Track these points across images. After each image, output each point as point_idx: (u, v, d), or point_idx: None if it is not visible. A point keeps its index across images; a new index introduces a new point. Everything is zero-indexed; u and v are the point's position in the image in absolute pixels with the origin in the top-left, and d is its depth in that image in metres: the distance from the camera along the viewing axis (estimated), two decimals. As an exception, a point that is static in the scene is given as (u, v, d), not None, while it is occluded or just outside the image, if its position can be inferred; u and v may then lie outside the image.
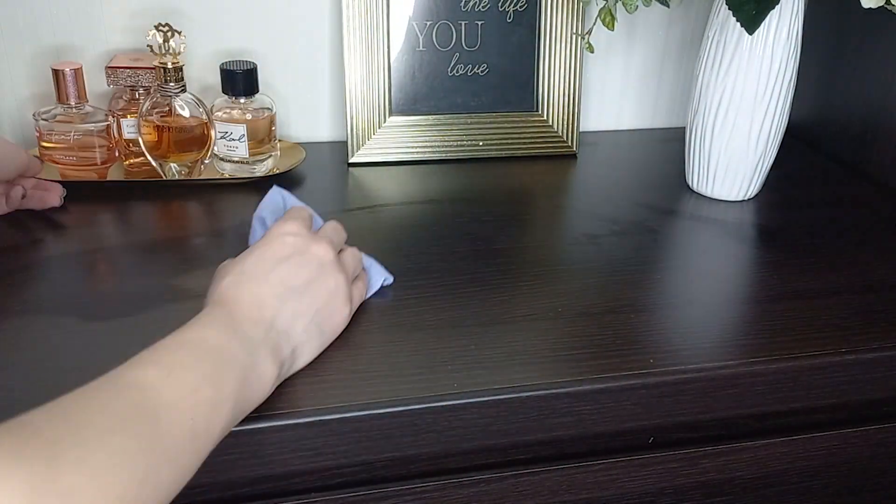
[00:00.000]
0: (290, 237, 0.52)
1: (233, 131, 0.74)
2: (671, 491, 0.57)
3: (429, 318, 0.57)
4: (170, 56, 0.70)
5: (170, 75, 0.71)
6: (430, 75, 0.83)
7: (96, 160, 0.74)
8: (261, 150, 0.76)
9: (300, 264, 0.51)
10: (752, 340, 0.56)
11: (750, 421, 0.57)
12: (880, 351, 0.56)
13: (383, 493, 0.52)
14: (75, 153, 0.73)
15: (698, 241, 0.70)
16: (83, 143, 0.73)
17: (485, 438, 0.51)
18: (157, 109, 0.72)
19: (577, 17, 0.84)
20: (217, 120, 0.74)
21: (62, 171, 0.74)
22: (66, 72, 0.70)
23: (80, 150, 0.73)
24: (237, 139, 0.74)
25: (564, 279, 0.63)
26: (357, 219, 0.71)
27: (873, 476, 0.62)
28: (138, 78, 0.74)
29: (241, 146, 0.75)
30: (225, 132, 0.74)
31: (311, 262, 0.51)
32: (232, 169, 0.76)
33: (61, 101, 0.72)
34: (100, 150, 0.74)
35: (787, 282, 0.64)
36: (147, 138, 0.73)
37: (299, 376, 0.50)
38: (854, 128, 0.86)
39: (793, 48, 0.71)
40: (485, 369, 0.52)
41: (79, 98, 0.72)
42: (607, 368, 0.52)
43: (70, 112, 0.73)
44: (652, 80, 0.95)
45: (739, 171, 0.76)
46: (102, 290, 0.59)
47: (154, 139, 0.73)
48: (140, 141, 0.73)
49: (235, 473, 0.48)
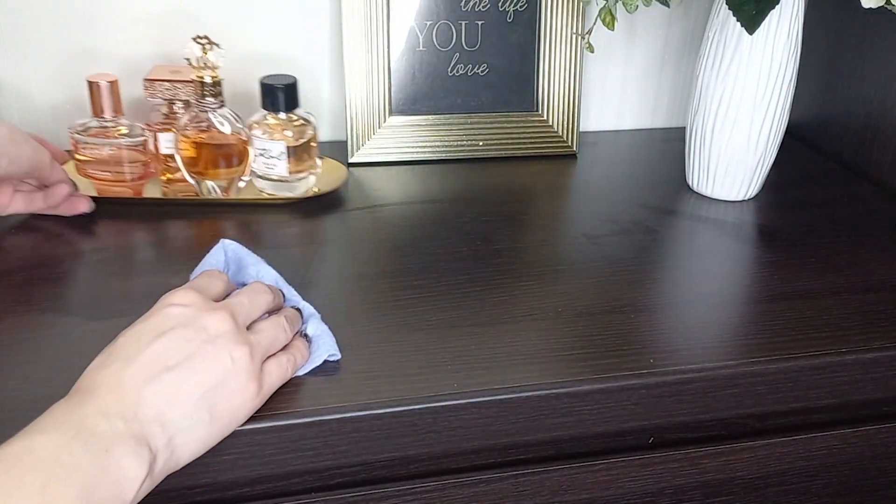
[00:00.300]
0: (176, 308, 0.44)
1: (272, 148, 0.70)
2: (671, 491, 0.57)
3: (429, 318, 0.57)
4: (208, 70, 0.67)
5: (208, 90, 0.68)
6: (430, 75, 0.83)
7: (131, 175, 0.71)
8: (301, 167, 0.72)
9: (183, 338, 0.43)
10: (752, 340, 0.56)
11: (750, 421, 0.57)
12: (880, 351, 0.56)
13: (383, 494, 0.52)
14: (110, 168, 0.70)
15: (698, 241, 0.70)
16: (118, 157, 0.70)
17: (485, 438, 0.51)
18: (195, 124, 0.69)
19: (577, 17, 0.84)
20: (256, 136, 0.70)
21: (98, 187, 0.71)
22: (101, 84, 0.68)
23: (115, 164, 0.70)
24: (276, 156, 0.70)
25: (564, 279, 0.63)
26: (357, 219, 0.71)
27: (873, 476, 0.62)
28: (177, 91, 0.71)
29: (281, 164, 0.71)
30: (264, 149, 0.70)
31: (198, 336, 0.43)
32: (271, 187, 0.72)
33: (96, 114, 0.69)
34: (135, 165, 0.71)
35: (787, 282, 0.64)
36: (184, 154, 0.69)
37: (299, 376, 0.50)
38: (854, 128, 0.86)
39: (793, 48, 0.71)
40: (485, 369, 0.52)
41: (114, 112, 0.69)
42: (607, 368, 0.52)
43: (105, 126, 0.69)
44: (652, 80, 0.95)
45: (739, 171, 0.76)
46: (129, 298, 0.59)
47: (192, 155, 0.69)
48: (177, 157, 0.70)
49: (235, 473, 0.48)
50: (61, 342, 0.53)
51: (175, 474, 0.43)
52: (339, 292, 0.60)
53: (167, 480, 0.42)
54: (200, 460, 0.46)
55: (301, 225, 0.70)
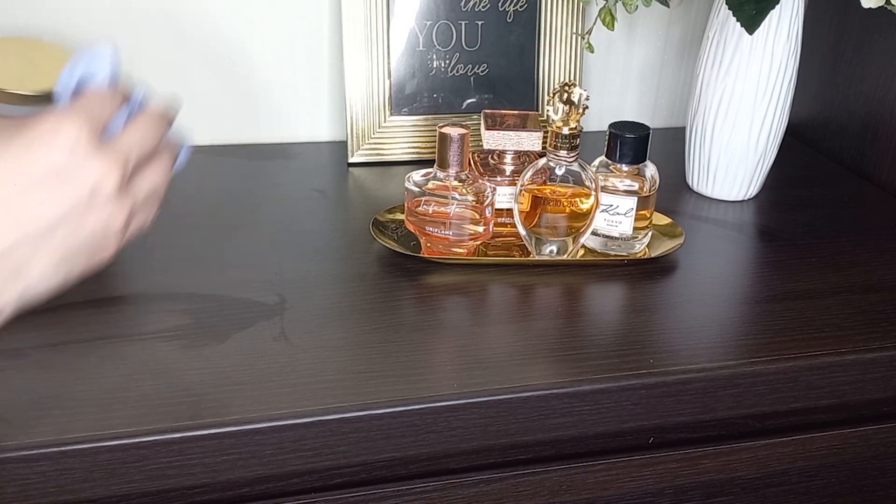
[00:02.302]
0: (66, 140, 0.40)
1: (620, 204, 0.64)
2: (671, 491, 0.57)
3: (429, 318, 0.57)
4: (572, 119, 0.60)
5: (564, 142, 0.60)
6: (430, 75, 0.83)
7: (471, 236, 0.63)
8: (640, 225, 0.65)
9: (62, 193, 0.40)
10: (752, 340, 0.56)
11: (750, 421, 0.57)
12: (880, 351, 0.56)
13: (383, 494, 0.52)
14: (450, 228, 0.62)
15: (698, 241, 0.70)
16: (461, 215, 0.62)
17: (485, 438, 0.51)
18: (541, 177, 0.62)
19: (577, 17, 0.84)
20: (603, 191, 0.63)
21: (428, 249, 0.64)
22: (452, 136, 0.60)
23: (457, 223, 0.62)
24: (623, 213, 0.64)
25: (563, 279, 0.63)
26: (357, 219, 0.71)
27: (873, 476, 0.62)
28: (521, 141, 0.65)
29: (626, 221, 0.64)
30: (609, 205, 0.64)
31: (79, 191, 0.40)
32: (603, 245, 0.66)
33: (442, 167, 0.62)
34: (475, 224, 0.63)
35: (787, 282, 0.64)
36: (520, 208, 0.63)
37: (299, 376, 0.50)
38: (854, 128, 0.86)
39: (793, 48, 0.71)
40: (485, 369, 0.52)
41: (460, 167, 0.62)
42: (607, 368, 0.52)
43: (450, 181, 0.62)
44: (652, 80, 0.95)
45: (739, 171, 0.76)
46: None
47: (527, 209, 0.63)
48: (514, 211, 0.63)
49: (235, 473, 0.48)
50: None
51: (175, 474, 0.43)
52: (339, 292, 0.60)
53: (167, 480, 0.42)
54: (200, 460, 0.46)
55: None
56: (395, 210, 0.70)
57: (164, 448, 0.46)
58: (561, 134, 0.60)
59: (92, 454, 0.45)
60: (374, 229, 0.66)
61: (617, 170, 0.65)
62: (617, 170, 0.65)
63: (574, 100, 0.60)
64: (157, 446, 0.46)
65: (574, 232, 0.63)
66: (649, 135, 0.64)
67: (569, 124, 0.60)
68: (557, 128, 0.60)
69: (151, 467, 0.46)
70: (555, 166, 0.62)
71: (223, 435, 0.46)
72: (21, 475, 0.44)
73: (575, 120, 0.60)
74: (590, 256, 0.66)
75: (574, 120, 0.60)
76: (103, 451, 0.45)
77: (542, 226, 0.63)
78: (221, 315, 0.56)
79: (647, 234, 0.67)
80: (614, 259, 0.65)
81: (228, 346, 0.53)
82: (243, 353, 0.52)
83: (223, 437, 0.46)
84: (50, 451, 0.44)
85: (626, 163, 0.64)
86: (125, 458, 0.45)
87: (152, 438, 0.45)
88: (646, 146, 0.64)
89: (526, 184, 0.62)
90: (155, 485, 0.47)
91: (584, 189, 0.62)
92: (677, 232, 0.68)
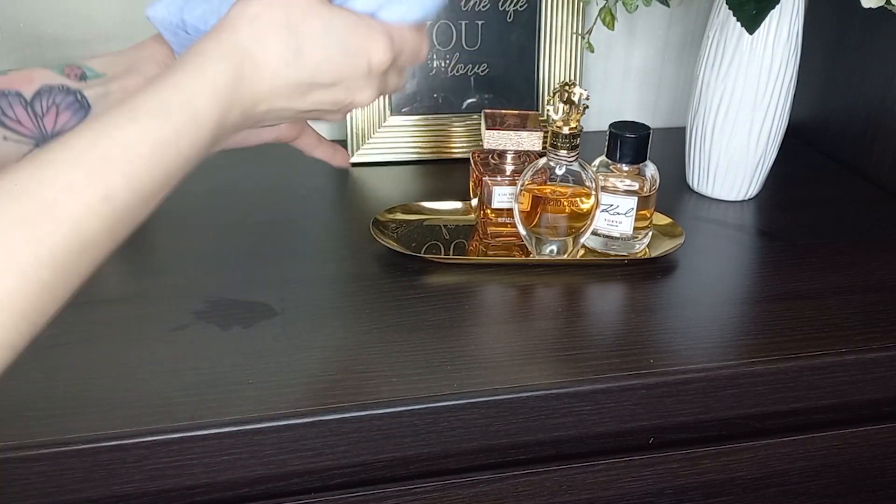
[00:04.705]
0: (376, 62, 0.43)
1: (620, 204, 0.64)
2: (671, 491, 0.57)
3: (429, 318, 0.57)
4: (572, 118, 0.60)
5: (564, 142, 0.61)
6: (430, 75, 0.83)
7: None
8: (640, 225, 0.65)
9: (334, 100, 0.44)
10: (752, 340, 0.56)
11: (750, 421, 0.57)
12: (880, 351, 0.56)
13: (383, 494, 0.52)
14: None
15: (698, 241, 0.70)
16: None
17: (485, 438, 0.51)
18: (540, 177, 0.62)
19: (577, 17, 0.84)
20: (603, 190, 0.64)
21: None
22: None
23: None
24: (623, 213, 0.64)
25: (563, 279, 0.63)
26: (357, 219, 0.71)
27: (873, 476, 0.62)
28: (521, 140, 0.65)
29: (626, 221, 0.64)
30: (609, 205, 0.64)
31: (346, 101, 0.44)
32: (604, 245, 0.66)
33: None
34: None
35: (787, 282, 0.64)
36: (521, 208, 0.63)
37: (299, 376, 0.50)
38: (854, 128, 0.86)
39: (793, 48, 0.71)
40: (485, 369, 0.52)
41: None
42: (607, 368, 0.52)
43: None
44: (652, 80, 0.95)
45: (739, 171, 0.76)
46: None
47: (527, 209, 0.63)
48: (514, 211, 0.63)
49: (235, 473, 0.48)
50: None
51: (175, 474, 0.43)
52: (339, 292, 0.60)
53: (167, 480, 0.42)
54: (200, 460, 0.46)
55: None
56: (395, 210, 0.70)
57: (163, 448, 0.46)
58: (561, 134, 0.61)
59: (92, 454, 0.45)
60: (374, 229, 0.66)
61: (617, 170, 0.65)
62: (617, 170, 0.65)
63: (574, 99, 0.60)
64: (156, 446, 0.46)
65: (574, 232, 0.63)
66: (649, 135, 0.64)
67: (569, 124, 0.60)
68: (557, 127, 0.61)
69: (151, 467, 0.46)
70: (555, 166, 0.62)
71: (223, 435, 0.46)
72: (21, 475, 0.44)
73: (575, 120, 0.60)
74: (590, 256, 0.66)
75: (574, 120, 0.60)
76: (103, 451, 0.45)
77: (543, 226, 0.63)
78: (221, 315, 0.56)
79: (648, 234, 0.67)
80: (614, 259, 0.65)
81: (228, 346, 0.53)
82: (243, 353, 0.52)
83: (223, 437, 0.46)
84: (50, 451, 0.44)
85: (627, 163, 0.64)
86: (125, 458, 0.45)
87: (152, 438, 0.45)
88: (646, 146, 0.64)
89: (526, 184, 0.62)
90: (155, 485, 0.47)
91: (585, 189, 0.62)
92: (677, 232, 0.68)
